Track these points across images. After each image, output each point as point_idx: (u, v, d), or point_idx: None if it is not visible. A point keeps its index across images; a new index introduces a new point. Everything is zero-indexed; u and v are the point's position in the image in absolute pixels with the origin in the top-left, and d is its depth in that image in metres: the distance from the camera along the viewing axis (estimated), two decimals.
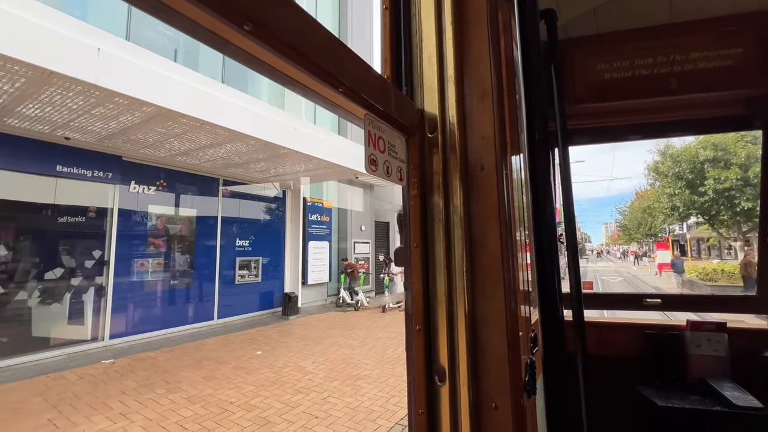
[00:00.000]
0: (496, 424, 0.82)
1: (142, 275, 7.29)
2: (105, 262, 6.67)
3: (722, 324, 1.80)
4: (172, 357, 6.25)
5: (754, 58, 1.61)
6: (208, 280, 8.51)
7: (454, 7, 0.95)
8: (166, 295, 7.69)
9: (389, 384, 5.12)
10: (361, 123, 0.78)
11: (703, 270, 18.39)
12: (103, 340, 6.56)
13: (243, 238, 9.42)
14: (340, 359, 6.23)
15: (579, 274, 1.14)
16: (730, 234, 23.98)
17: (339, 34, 12.83)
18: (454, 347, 0.86)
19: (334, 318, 9.76)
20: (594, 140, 2.16)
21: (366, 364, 5.96)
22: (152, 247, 7.52)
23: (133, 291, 7.10)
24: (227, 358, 6.19)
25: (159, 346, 6.81)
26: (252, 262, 9.60)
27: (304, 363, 6.00)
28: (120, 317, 6.83)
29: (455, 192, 0.90)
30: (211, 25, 0.45)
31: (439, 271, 0.89)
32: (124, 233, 6.95)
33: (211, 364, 5.86)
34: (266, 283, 9.94)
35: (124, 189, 7.00)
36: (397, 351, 6.75)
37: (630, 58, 1.76)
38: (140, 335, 7.09)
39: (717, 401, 1.59)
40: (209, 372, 5.52)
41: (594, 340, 1.94)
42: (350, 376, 5.43)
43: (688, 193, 21.03)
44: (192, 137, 6.08)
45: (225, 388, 4.91)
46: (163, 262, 7.68)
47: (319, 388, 4.96)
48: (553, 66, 1.19)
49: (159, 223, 7.67)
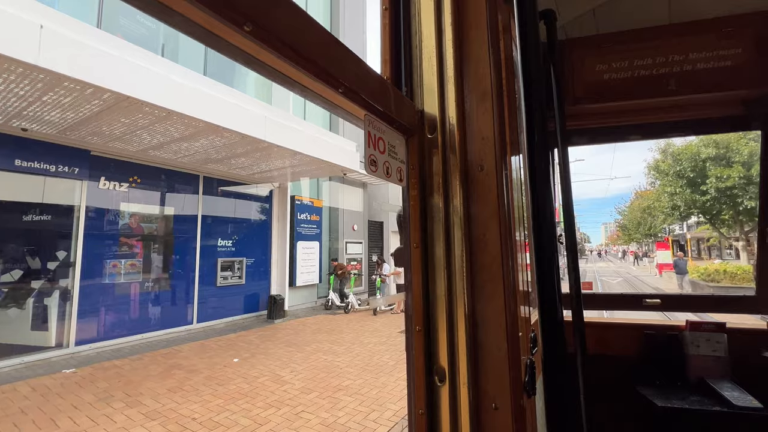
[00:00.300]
0: (496, 424, 0.82)
1: (113, 277, 6.86)
2: (71, 263, 6.24)
3: (722, 324, 1.80)
4: (140, 365, 5.81)
5: (753, 59, 1.61)
6: (186, 282, 8.07)
7: (454, 8, 0.95)
8: (140, 299, 7.25)
9: (371, 396, 4.70)
10: (359, 123, 0.77)
11: (705, 271, 17.97)
12: (68, 347, 6.12)
13: (226, 238, 8.99)
14: (321, 367, 5.80)
15: (578, 275, 1.16)
16: (731, 234, 23.59)
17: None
18: (454, 348, 0.86)
19: (322, 321, 9.33)
20: (593, 141, 2.15)
21: (349, 373, 5.53)
22: (125, 248, 7.09)
23: (103, 294, 6.66)
24: (200, 367, 5.76)
25: (129, 353, 6.37)
26: (235, 263, 9.16)
27: (282, 372, 5.57)
28: (87, 322, 6.39)
29: (455, 192, 0.89)
30: (212, 26, 0.45)
31: (439, 272, 0.89)
32: (92, 233, 6.51)
33: (180, 374, 5.43)
34: (251, 285, 9.50)
35: (93, 185, 6.57)
36: (383, 357, 6.33)
37: (629, 58, 1.75)
38: (110, 341, 6.65)
39: (716, 401, 1.59)
40: (177, 382, 5.08)
41: (594, 340, 1.93)
42: (330, 387, 5.01)
43: (689, 192, 20.61)
44: (161, 129, 5.65)
45: (190, 402, 4.48)
46: (137, 263, 7.25)
47: (293, 402, 4.53)
48: (553, 66, 1.19)
49: (133, 221, 7.24)
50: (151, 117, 5.15)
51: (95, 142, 6.21)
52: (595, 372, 1.56)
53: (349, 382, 5.19)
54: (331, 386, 5.02)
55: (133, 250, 7.20)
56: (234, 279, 9.09)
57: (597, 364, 1.78)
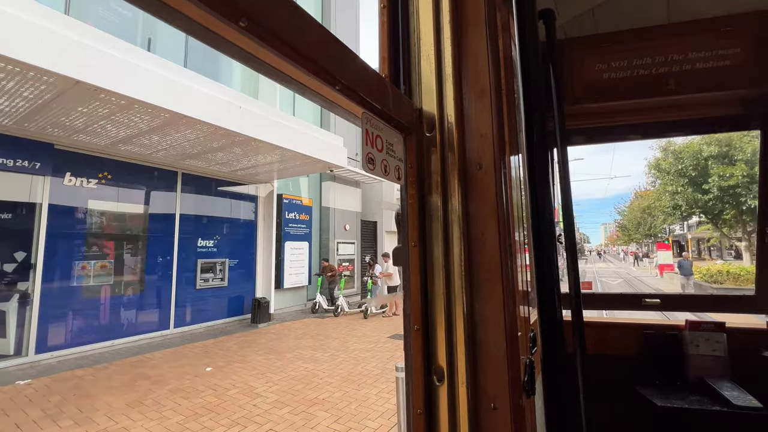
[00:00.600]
0: (494, 424, 0.81)
1: (81, 279, 6.42)
2: (31, 265, 5.80)
3: (721, 324, 1.80)
4: (103, 376, 5.37)
5: (752, 59, 1.61)
6: (163, 285, 7.63)
7: (452, 6, 0.95)
8: (111, 302, 6.81)
9: (349, 412, 4.26)
10: (357, 121, 0.77)
11: (708, 272, 17.54)
12: (27, 356, 5.68)
13: (207, 238, 8.55)
14: (300, 377, 5.37)
15: (578, 274, 1.16)
16: (733, 234, 23.16)
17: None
18: (452, 347, 0.86)
19: (308, 326, 8.89)
20: (592, 140, 2.14)
21: (328, 384, 5.10)
22: (95, 248, 6.65)
23: (69, 298, 6.22)
24: (169, 377, 5.33)
25: (95, 362, 5.93)
26: (217, 264, 8.72)
27: (257, 383, 5.14)
28: (50, 328, 5.95)
29: (453, 191, 0.89)
30: (207, 22, 0.45)
31: (438, 271, 0.89)
32: (56, 232, 6.08)
33: (145, 385, 4.99)
34: (234, 287, 9.06)
35: (57, 181, 6.13)
36: (369, 365, 5.90)
37: (628, 58, 1.75)
38: (75, 349, 6.20)
39: (716, 401, 1.59)
40: (139, 395, 4.65)
41: (593, 340, 1.93)
42: (305, 400, 4.57)
43: (690, 191, 20.17)
44: (125, 119, 5.21)
45: (148, 419, 4.04)
46: (108, 264, 6.81)
47: (262, 418, 4.09)
48: (552, 66, 1.21)
49: (103, 220, 6.80)
50: (110, 105, 4.72)
51: (58, 135, 5.78)
52: (594, 372, 1.58)
53: (328, 395, 4.75)
54: (307, 400, 4.59)
55: (104, 250, 6.76)
56: (216, 281, 8.65)
57: (596, 364, 1.79)
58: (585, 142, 2.14)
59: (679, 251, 29.13)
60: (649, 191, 44.76)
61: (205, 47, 0.51)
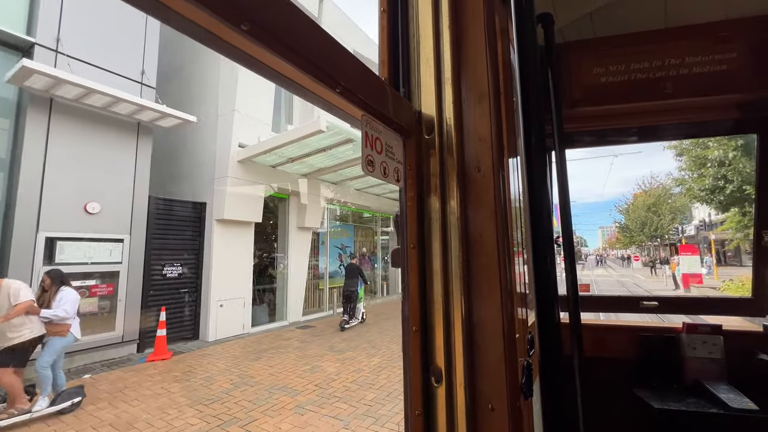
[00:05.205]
0: (492, 425, 0.81)
1: None
2: None
3: (718, 327, 1.81)
4: None
5: (748, 63, 1.64)
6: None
7: (451, 11, 0.96)
8: None
9: None
10: (356, 123, 0.77)
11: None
12: None
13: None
14: None
15: (576, 277, 1.21)
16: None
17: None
18: (450, 348, 0.86)
19: None
20: (590, 143, 2.16)
21: None
22: None
23: None
24: None
25: None
26: None
27: None
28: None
29: (452, 193, 0.90)
30: (209, 25, 0.45)
31: (436, 273, 0.89)
32: None
33: None
34: None
35: None
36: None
37: (626, 62, 1.77)
38: None
39: (712, 403, 1.60)
40: None
41: (590, 342, 1.92)
42: None
43: (745, 160, 14.04)
44: None
45: None
46: None
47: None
48: (550, 69, 1.20)
49: None
50: None
51: None
52: (591, 374, 1.61)
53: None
54: None
55: None
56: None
57: (594, 367, 1.81)
58: (583, 145, 2.15)
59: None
60: (652, 189, 39.24)
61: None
